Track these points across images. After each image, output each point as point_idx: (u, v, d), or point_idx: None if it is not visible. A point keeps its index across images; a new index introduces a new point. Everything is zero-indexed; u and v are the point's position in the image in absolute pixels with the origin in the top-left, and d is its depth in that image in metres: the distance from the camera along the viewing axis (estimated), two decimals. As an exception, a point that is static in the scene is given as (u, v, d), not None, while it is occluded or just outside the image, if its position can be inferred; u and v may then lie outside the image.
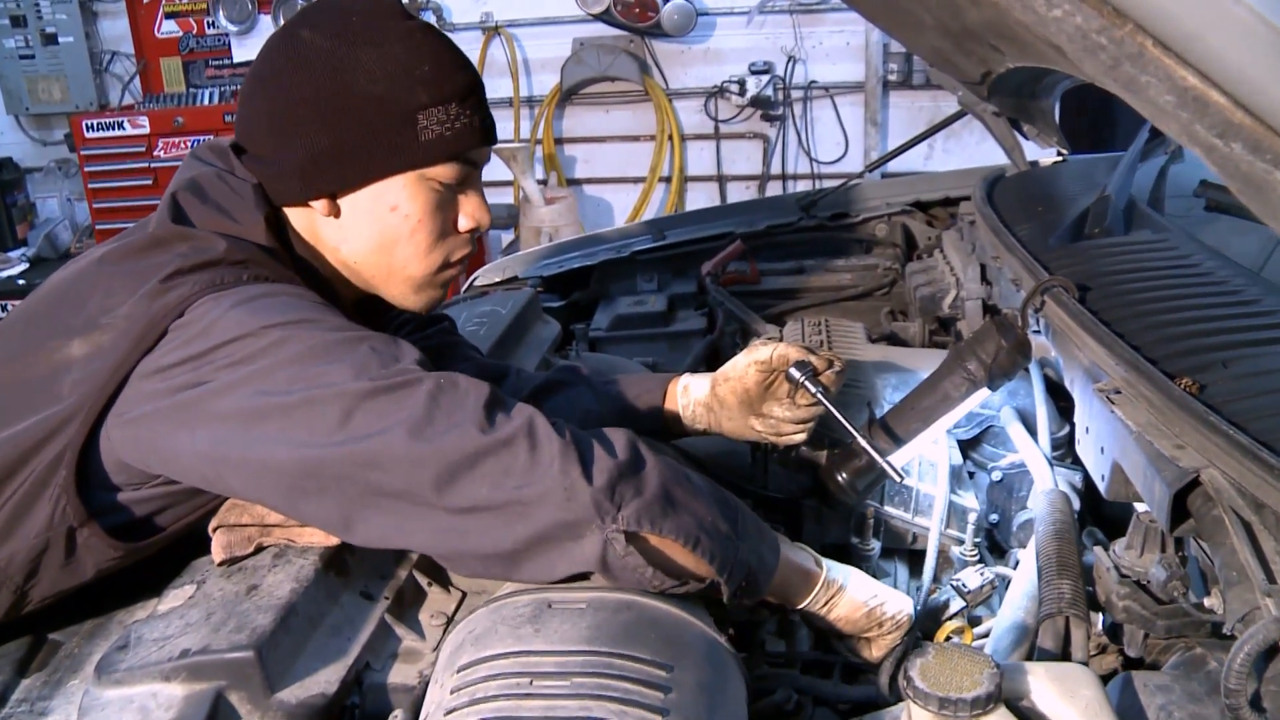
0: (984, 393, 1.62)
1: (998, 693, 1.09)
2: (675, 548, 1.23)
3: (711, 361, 2.91)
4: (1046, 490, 1.59)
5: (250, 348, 1.26)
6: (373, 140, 1.41)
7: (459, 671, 1.18)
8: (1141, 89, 0.95)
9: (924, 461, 1.86)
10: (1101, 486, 1.42)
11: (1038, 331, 1.72)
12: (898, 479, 1.54)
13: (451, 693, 1.16)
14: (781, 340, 2.31)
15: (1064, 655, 1.32)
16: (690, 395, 1.76)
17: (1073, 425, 1.95)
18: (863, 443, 1.54)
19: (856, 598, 1.42)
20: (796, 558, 1.41)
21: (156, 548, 1.42)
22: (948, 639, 1.47)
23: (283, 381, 1.23)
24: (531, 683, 1.13)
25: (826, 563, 1.43)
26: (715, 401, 1.72)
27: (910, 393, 1.68)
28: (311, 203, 1.46)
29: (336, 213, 1.47)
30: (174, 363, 1.27)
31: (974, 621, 1.74)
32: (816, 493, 1.77)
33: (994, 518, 1.92)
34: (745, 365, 1.67)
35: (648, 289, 3.26)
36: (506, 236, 7.27)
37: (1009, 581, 1.78)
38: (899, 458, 1.70)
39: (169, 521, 1.41)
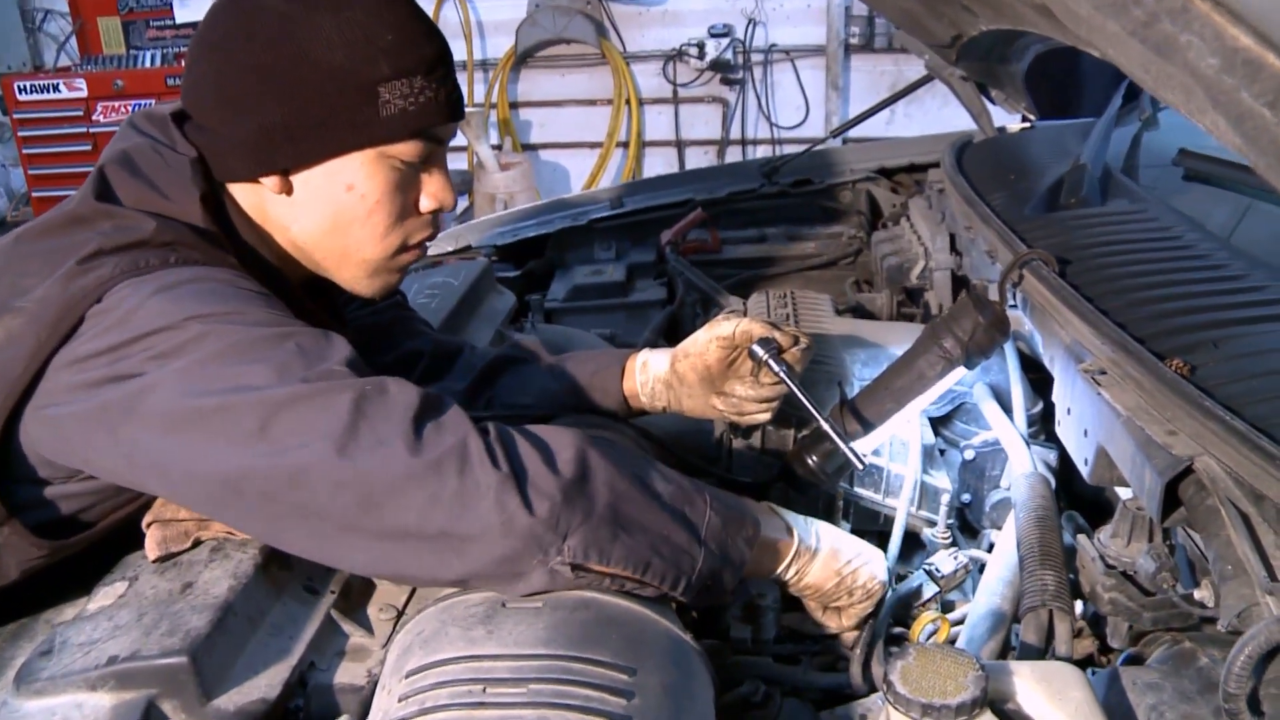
0: (960, 372, 1.55)
1: (983, 697, 1.03)
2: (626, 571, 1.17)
3: (671, 333, 2.84)
4: (1025, 474, 1.53)
5: (170, 342, 1.15)
6: (329, 114, 1.30)
7: (407, 677, 1.10)
8: (1178, 50, 0.87)
9: (895, 440, 1.79)
10: (1084, 471, 1.36)
11: (1014, 306, 1.65)
12: (859, 466, 1.48)
13: (399, 700, 1.08)
14: (745, 313, 2.25)
15: (1047, 649, 1.26)
16: (649, 372, 1.67)
17: (1047, 401, 1.90)
18: (826, 427, 1.47)
19: (828, 566, 1.36)
20: (768, 532, 1.32)
21: (85, 545, 1.32)
22: (925, 631, 1.40)
23: (201, 383, 1.13)
24: (484, 690, 1.05)
25: (799, 527, 1.35)
26: (675, 379, 1.64)
27: (883, 372, 1.61)
28: (261, 179, 1.35)
29: (288, 190, 1.36)
30: (91, 354, 1.17)
31: (947, 607, 1.68)
32: (784, 476, 1.69)
33: (966, 497, 1.87)
34: (706, 341, 1.59)
35: (605, 258, 3.18)
36: (461, 203, 7.13)
37: (983, 565, 1.73)
38: (871, 441, 1.64)
39: (97, 518, 1.32)
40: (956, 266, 2.37)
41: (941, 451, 1.88)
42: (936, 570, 1.68)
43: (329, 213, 1.37)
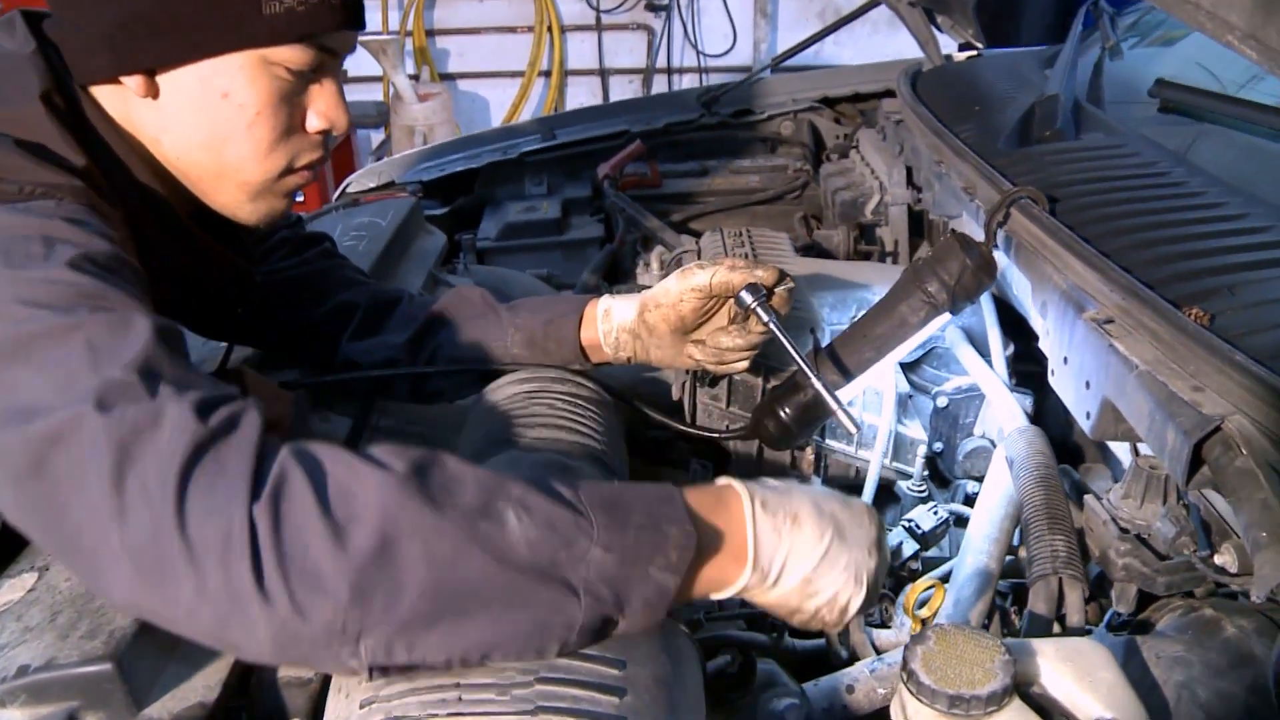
0: (944, 318, 1.45)
1: (1013, 684, 0.94)
2: None
3: (612, 272, 2.72)
4: (1021, 429, 1.44)
5: None
6: (203, 7, 1.13)
7: (369, 679, 0.98)
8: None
9: (868, 390, 1.70)
10: (1086, 425, 1.26)
11: (996, 247, 1.55)
12: (853, 430, 1.36)
13: (360, 707, 0.96)
14: (700, 253, 2.12)
15: (1057, 619, 1.18)
16: (613, 321, 1.54)
17: (1019, 345, 1.81)
18: (820, 389, 1.35)
19: (790, 599, 1.06)
20: (712, 554, 1.02)
21: None
22: (918, 601, 1.31)
23: None
24: (460, 698, 0.93)
25: (765, 548, 1.03)
26: (643, 329, 1.51)
27: (861, 318, 1.50)
28: (123, 79, 1.17)
29: (154, 93, 1.18)
30: None
31: (928, 564, 1.60)
32: (753, 429, 1.58)
33: (937, 446, 1.78)
34: (680, 291, 1.45)
35: (537, 193, 3.04)
36: (376, 137, 6.85)
37: (959, 518, 1.65)
38: (848, 392, 1.53)
39: None
40: (913, 201, 2.27)
41: (909, 397, 1.79)
42: (916, 526, 1.59)
43: (202, 123, 1.20)
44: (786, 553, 1.04)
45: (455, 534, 0.90)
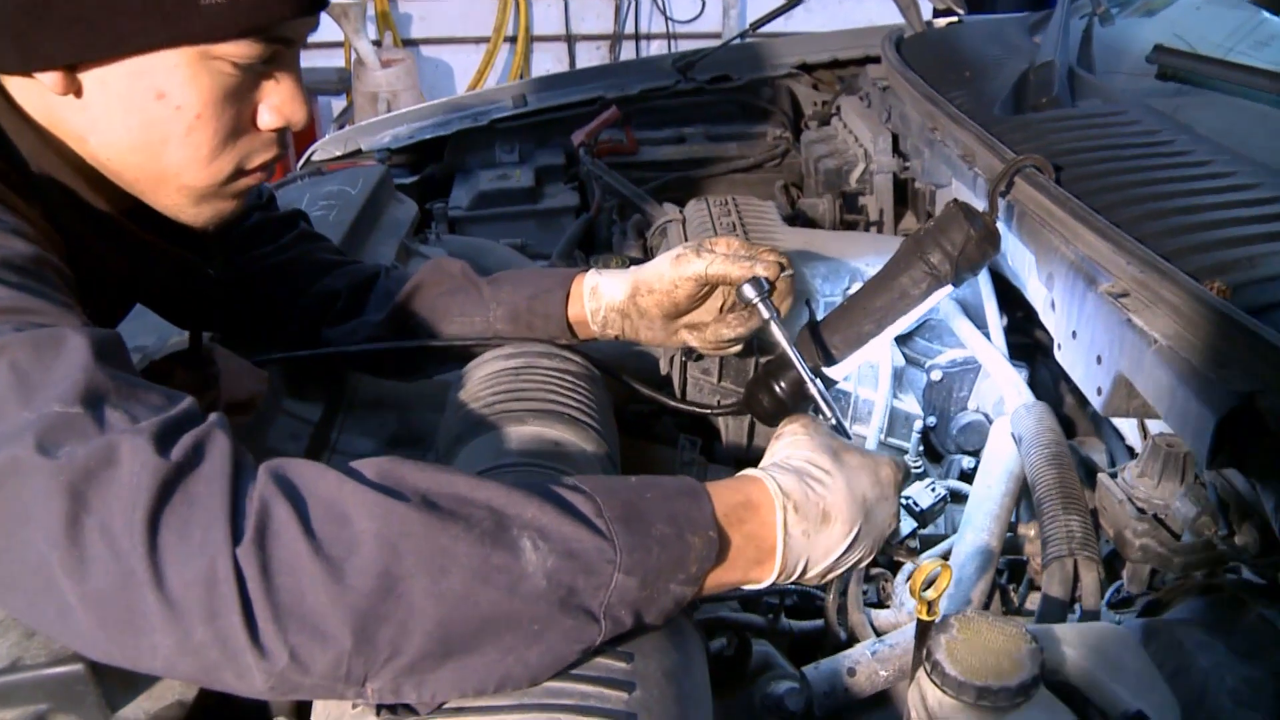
0: (946, 290, 1.40)
1: (1041, 674, 0.90)
2: None
3: (587, 241, 2.66)
4: (1028, 405, 1.40)
5: None
6: None
7: (363, 680, 0.92)
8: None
9: (863, 364, 1.65)
10: (1096, 401, 1.22)
11: (999, 217, 1.51)
12: (832, 422, 1.30)
13: (353, 706, 0.90)
14: (684, 222, 2.06)
15: (1072, 601, 1.15)
16: (601, 299, 1.47)
17: (1015, 318, 1.78)
18: (809, 381, 1.31)
19: (801, 581, 1.04)
20: (733, 571, 0.97)
21: None
22: (925, 581, 1.27)
23: None
24: (462, 694, 0.88)
25: (790, 551, 0.98)
26: (634, 310, 1.45)
27: (859, 290, 1.45)
28: (37, 75, 1.02)
29: (75, 91, 1.04)
30: None
31: (926, 543, 1.57)
32: (746, 404, 1.54)
33: (931, 420, 1.74)
34: (674, 279, 1.39)
35: (508, 161, 2.98)
36: (338, 104, 6.71)
37: (955, 495, 1.62)
38: (845, 367, 1.48)
39: None
40: (900, 170, 2.23)
41: (902, 371, 1.75)
42: (914, 503, 1.55)
43: (134, 125, 1.05)
44: (813, 552, 1.00)
45: (465, 567, 0.82)
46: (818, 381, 1.30)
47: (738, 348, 1.48)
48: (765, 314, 1.33)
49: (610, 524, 0.88)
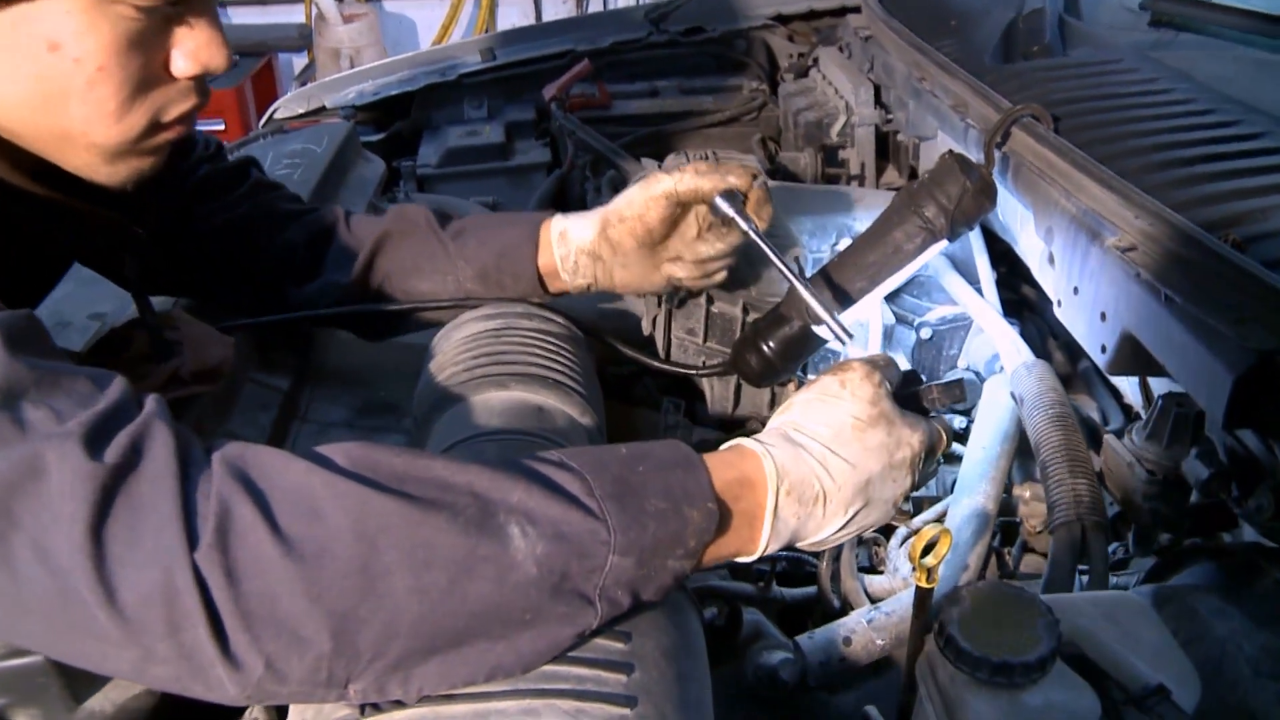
0: (941, 245, 1.35)
1: (1059, 646, 0.86)
2: None
3: (560, 199, 2.60)
4: (1028, 363, 1.35)
5: None
6: None
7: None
8: None
9: (854, 322, 1.60)
10: (1100, 359, 1.18)
11: (993, 170, 1.46)
12: (847, 339, 1.27)
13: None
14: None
15: (1075, 568, 1.11)
16: (570, 243, 1.39)
17: (999, 273, 1.73)
18: (805, 294, 1.25)
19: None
20: (724, 546, 0.93)
21: None
22: (924, 547, 1.23)
23: None
24: (453, 682, 0.83)
25: (779, 530, 0.94)
26: (606, 247, 1.37)
27: (851, 245, 1.40)
28: None
29: None
30: None
31: (917, 505, 1.53)
32: (733, 364, 1.49)
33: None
34: (645, 201, 1.32)
35: (477, 117, 2.90)
36: (300, 61, 6.54)
37: (948, 456, 1.58)
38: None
39: None
40: (882, 122, 2.17)
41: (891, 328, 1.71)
42: (906, 466, 1.51)
43: (26, 80, 0.92)
44: (802, 531, 0.97)
45: (450, 560, 0.77)
46: (810, 288, 1.25)
47: (723, 273, 1.43)
48: (743, 225, 1.28)
49: (602, 502, 0.83)
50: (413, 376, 1.39)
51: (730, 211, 1.28)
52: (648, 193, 1.32)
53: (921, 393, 1.11)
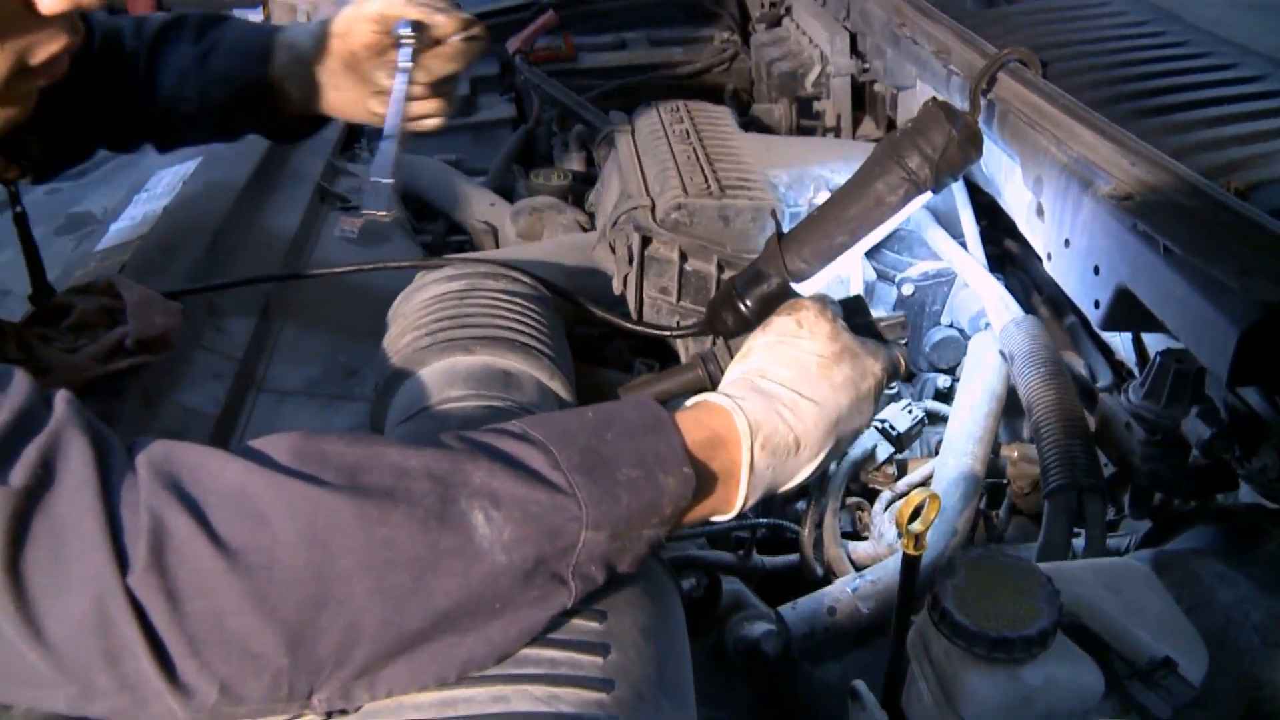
0: (925, 197, 1.30)
1: (1060, 617, 0.82)
2: None
3: (527, 155, 2.53)
4: (1018, 319, 1.31)
5: None
6: None
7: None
8: None
9: (833, 278, 1.55)
10: (1092, 315, 1.14)
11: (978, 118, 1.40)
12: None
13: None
14: (634, 131, 1.93)
15: (1071, 534, 1.07)
16: (294, 52, 1.33)
17: (985, 226, 1.69)
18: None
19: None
20: (699, 510, 0.88)
21: None
22: (912, 512, 1.19)
23: None
24: (416, 670, 0.78)
25: (756, 484, 0.90)
26: (320, 65, 1.31)
27: (830, 199, 1.34)
28: None
29: None
30: None
31: (902, 467, 1.49)
32: (709, 324, 1.43)
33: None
34: (353, 18, 1.27)
35: (439, 71, 2.79)
36: (255, 16, 6.37)
37: (933, 415, 1.54)
38: (816, 282, 1.39)
39: None
40: (858, 72, 2.11)
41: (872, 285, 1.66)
42: (890, 427, 1.47)
43: None
44: (777, 479, 0.92)
45: (412, 558, 0.71)
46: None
47: (433, 121, 1.37)
48: (401, 60, 1.22)
49: (569, 475, 0.78)
50: (375, 339, 1.34)
51: (402, 37, 1.22)
52: (357, 11, 1.27)
53: (875, 321, 1.08)
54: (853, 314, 1.08)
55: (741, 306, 1.36)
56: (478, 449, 0.77)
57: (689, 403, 0.94)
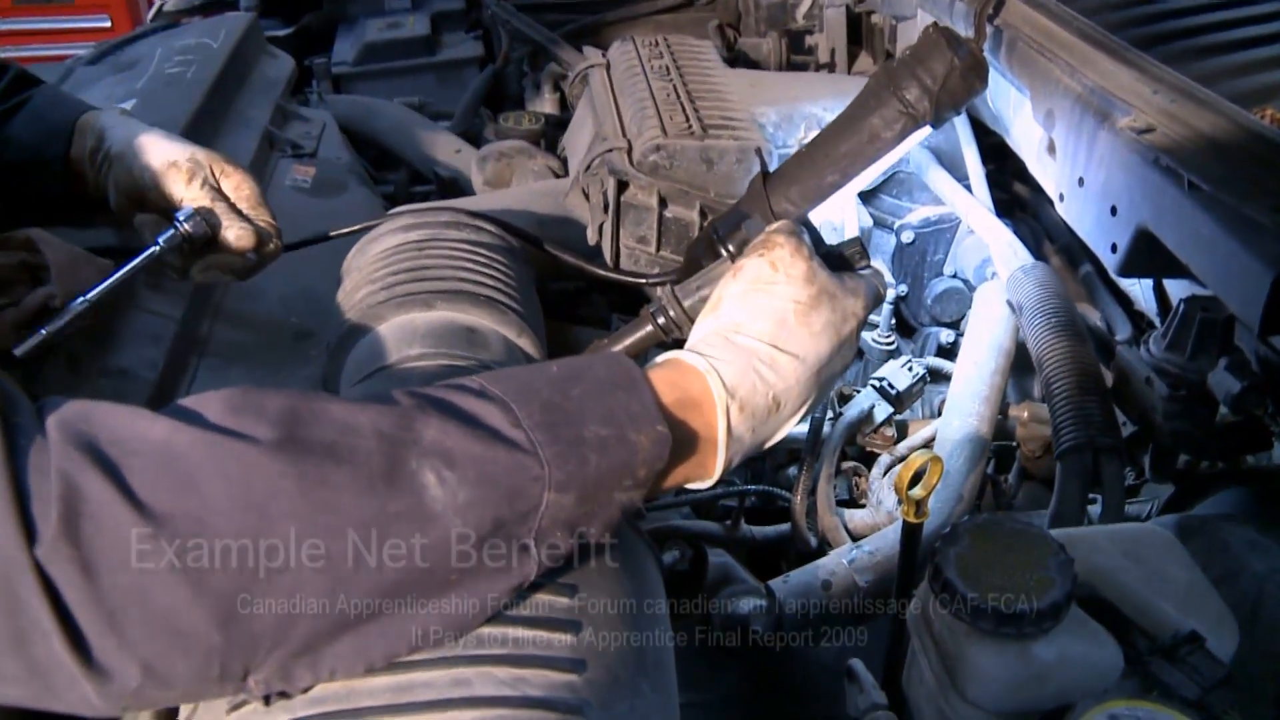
0: (924, 132, 1.26)
1: (1073, 590, 0.79)
2: None
3: (495, 97, 2.49)
4: (1026, 266, 1.27)
5: None
6: None
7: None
8: None
9: (824, 224, 1.52)
10: (1109, 260, 1.10)
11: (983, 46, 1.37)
12: None
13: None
14: (609, 66, 1.89)
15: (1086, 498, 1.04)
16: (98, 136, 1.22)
17: (992, 170, 1.65)
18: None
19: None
20: (675, 475, 0.85)
21: None
22: (912, 477, 1.16)
23: None
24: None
25: (734, 447, 0.86)
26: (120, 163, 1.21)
27: (821, 134, 1.30)
28: None
29: None
30: None
31: (902, 429, 1.46)
32: (687, 273, 1.40)
33: (902, 289, 1.63)
34: (140, 169, 1.18)
35: (399, 7, 2.83)
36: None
37: (935, 373, 1.51)
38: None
39: None
40: (853, 2, 2.07)
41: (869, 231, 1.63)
42: (889, 386, 1.44)
43: None
44: (757, 439, 0.89)
45: (356, 522, 0.67)
46: None
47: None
48: (160, 238, 1.13)
49: (530, 433, 0.74)
50: (329, 298, 1.30)
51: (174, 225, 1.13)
52: (167, 160, 1.17)
53: (833, 250, 1.04)
54: (820, 241, 1.04)
55: (723, 251, 1.32)
56: (430, 404, 0.74)
57: (659, 360, 0.90)
